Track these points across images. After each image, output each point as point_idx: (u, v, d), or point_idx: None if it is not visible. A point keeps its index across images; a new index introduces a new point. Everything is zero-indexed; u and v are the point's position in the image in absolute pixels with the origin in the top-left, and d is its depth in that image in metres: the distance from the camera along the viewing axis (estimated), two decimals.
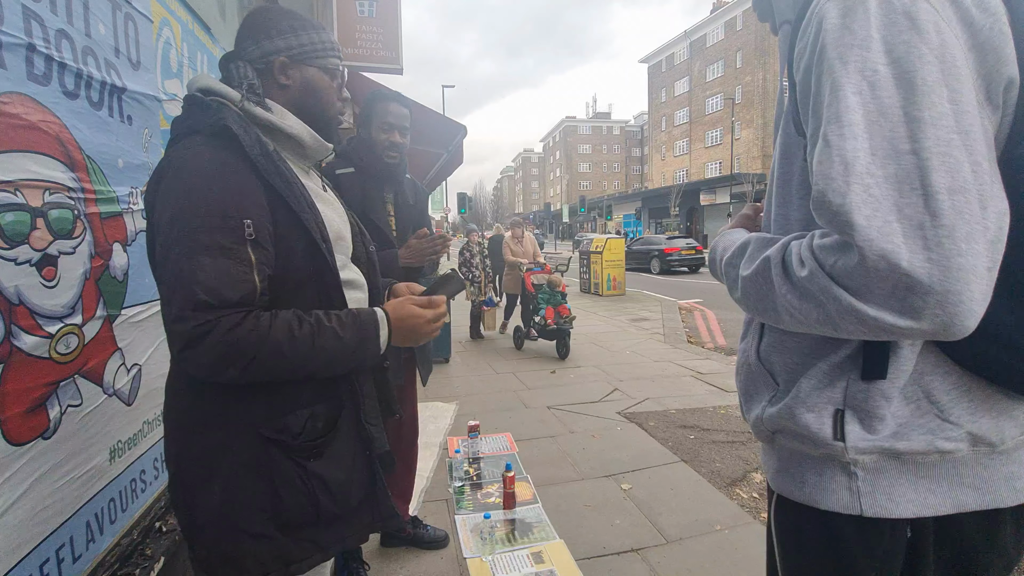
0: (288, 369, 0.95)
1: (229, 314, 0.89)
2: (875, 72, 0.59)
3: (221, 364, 0.89)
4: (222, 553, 0.99)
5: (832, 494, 0.75)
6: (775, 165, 0.81)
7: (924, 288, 0.55)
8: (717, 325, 8.17)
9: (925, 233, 0.55)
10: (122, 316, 1.55)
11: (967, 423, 0.69)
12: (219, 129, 0.95)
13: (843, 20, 0.62)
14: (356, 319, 1.02)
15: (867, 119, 0.59)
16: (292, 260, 0.99)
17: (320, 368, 0.98)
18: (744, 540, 2.39)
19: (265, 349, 0.91)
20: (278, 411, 0.99)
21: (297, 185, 1.03)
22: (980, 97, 0.62)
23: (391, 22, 5.98)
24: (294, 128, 1.08)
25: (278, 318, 0.94)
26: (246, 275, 0.91)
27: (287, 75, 1.09)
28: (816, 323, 0.64)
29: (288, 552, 1.01)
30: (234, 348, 0.89)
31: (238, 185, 0.93)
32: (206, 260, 0.88)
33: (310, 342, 0.94)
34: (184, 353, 0.89)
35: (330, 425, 1.04)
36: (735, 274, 0.77)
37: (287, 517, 1.00)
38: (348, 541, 1.10)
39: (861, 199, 0.57)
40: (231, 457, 0.97)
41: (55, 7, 1.27)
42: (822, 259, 0.61)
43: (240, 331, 0.89)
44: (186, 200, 0.91)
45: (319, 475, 1.01)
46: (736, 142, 40.82)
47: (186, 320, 0.87)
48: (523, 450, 3.30)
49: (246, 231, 0.92)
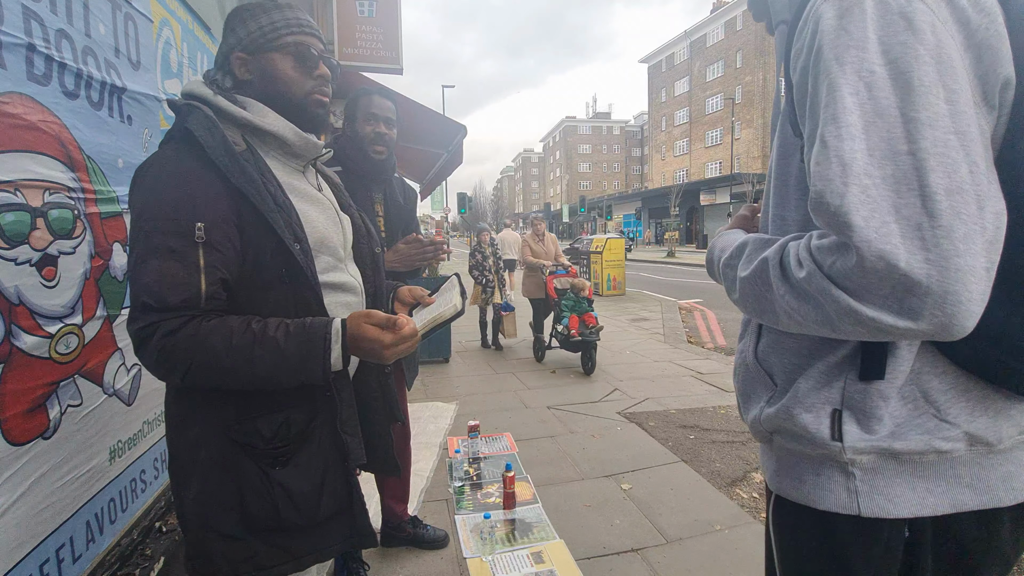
0: (227, 378, 0.93)
1: (169, 318, 0.90)
2: (872, 73, 0.60)
3: (163, 368, 0.92)
4: (198, 547, 1.01)
5: (830, 494, 0.75)
6: (772, 166, 0.81)
7: (922, 289, 0.55)
8: (717, 325, 8.17)
9: (923, 234, 0.55)
10: (122, 316, 1.55)
11: (964, 423, 0.69)
12: (183, 133, 0.97)
13: (839, 21, 0.62)
14: (305, 332, 0.94)
15: (864, 120, 0.59)
16: (261, 260, 0.98)
17: (259, 380, 0.94)
18: (744, 540, 2.39)
19: (200, 357, 0.90)
20: (250, 413, 0.99)
21: (268, 185, 1.00)
22: (976, 97, 0.62)
23: (391, 22, 5.98)
24: (274, 126, 1.05)
25: (222, 325, 0.92)
26: (189, 278, 0.91)
27: (247, 69, 1.06)
28: (814, 324, 0.64)
29: (259, 556, 1.01)
30: (171, 354, 0.89)
31: (193, 188, 0.94)
32: (153, 263, 0.90)
33: (248, 352, 0.91)
34: (137, 353, 0.92)
35: (303, 432, 1.03)
36: (733, 275, 0.77)
37: (252, 520, 1.00)
38: (324, 553, 1.08)
39: (859, 200, 0.57)
40: (206, 454, 0.99)
41: (55, 7, 1.27)
42: (820, 260, 0.61)
43: (177, 337, 0.89)
44: (144, 205, 0.94)
45: (281, 483, 1.00)
46: (736, 142, 40.81)
47: (135, 321, 0.91)
48: (523, 450, 3.29)
49: (196, 234, 0.91)
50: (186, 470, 1.00)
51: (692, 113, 48.03)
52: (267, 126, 1.04)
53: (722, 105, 43.17)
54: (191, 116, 0.97)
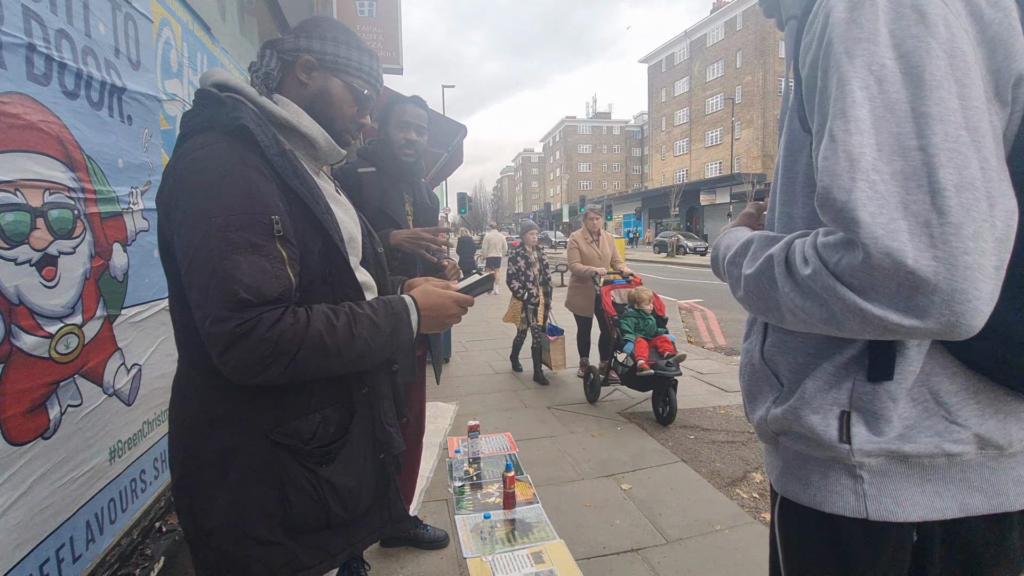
0: (330, 361, 0.93)
1: (270, 311, 0.87)
2: (882, 67, 0.58)
3: (265, 362, 0.87)
4: (230, 559, 0.96)
5: (837, 497, 0.74)
6: (779, 163, 0.80)
7: (930, 287, 0.54)
8: (717, 325, 8.17)
9: (932, 231, 0.54)
10: (122, 316, 1.55)
11: (975, 425, 0.68)
12: (236, 128, 0.93)
13: (850, 14, 0.61)
14: (387, 306, 1.01)
15: (874, 114, 0.58)
16: (308, 261, 0.98)
17: (359, 358, 0.97)
18: (744, 540, 2.39)
19: (308, 342, 0.89)
20: (288, 415, 0.97)
21: (315, 186, 1.02)
22: (989, 93, 0.61)
23: (391, 22, 5.98)
24: (309, 129, 1.06)
25: (314, 311, 0.93)
26: (281, 271, 0.90)
27: (309, 75, 1.08)
28: (819, 322, 0.63)
29: (297, 559, 0.99)
30: (278, 344, 0.86)
31: (259, 182, 0.91)
32: (240, 258, 0.86)
33: (349, 331, 0.94)
34: (226, 355, 0.85)
35: (342, 430, 1.03)
36: (738, 273, 0.76)
37: (296, 522, 0.98)
38: (356, 546, 1.09)
39: (866, 196, 0.56)
40: (240, 461, 0.95)
41: (55, 7, 1.27)
42: (826, 257, 0.60)
43: (282, 326, 0.87)
44: (211, 199, 0.88)
45: (330, 481, 1.00)
46: (736, 142, 40.78)
47: (227, 320, 0.84)
48: (523, 450, 3.29)
49: (275, 227, 0.90)
50: (211, 480, 0.96)
51: (692, 113, 48.01)
52: (302, 127, 1.06)
53: (722, 105, 43.15)
54: (242, 111, 0.94)
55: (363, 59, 1.11)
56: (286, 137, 1.05)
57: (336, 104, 1.10)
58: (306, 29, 1.09)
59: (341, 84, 1.09)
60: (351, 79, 1.10)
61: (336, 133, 1.12)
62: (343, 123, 1.12)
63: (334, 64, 1.08)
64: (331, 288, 1.01)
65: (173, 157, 0.96)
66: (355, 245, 1.14)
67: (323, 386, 1.01)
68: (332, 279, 1.01)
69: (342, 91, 1.10)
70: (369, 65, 1.12)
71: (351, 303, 0.99)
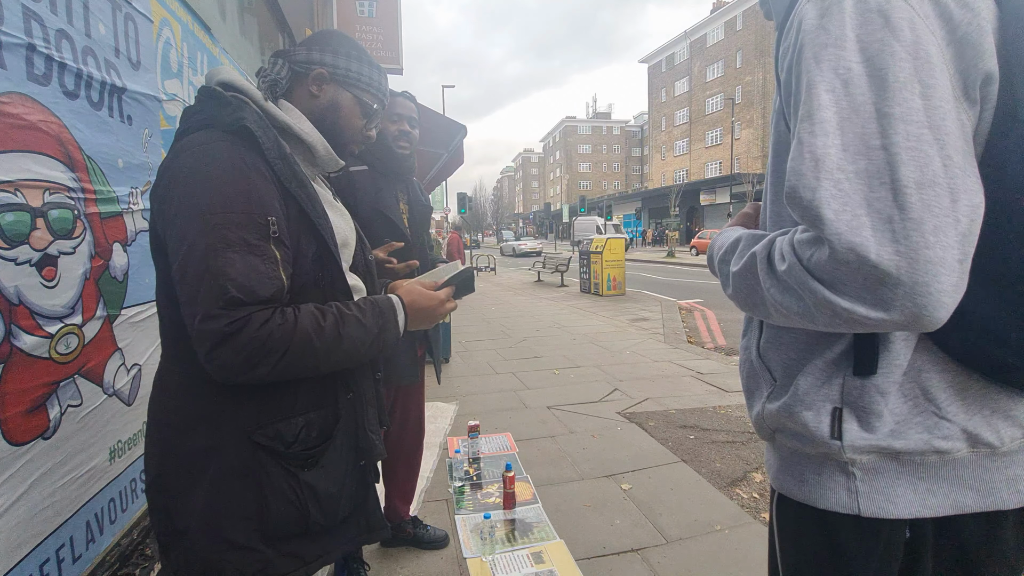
0: (317, 361, 0.94)
1: (260, 310, 0.87)
2: (848, 70, 0.61)
3: (252, 361, 0.86)
4: (201, 561, 0.94)
5: (831, 493, 0.75)
6: (770, 163, 0.82)
7: (893, 280, 0.55)
8: (717, 325, 8.17)
9: (894, 226, 0.56)
10: (122, 316, 1.55)
11: (962, 420, 0.69)
12: (239, 128, 0.93)
13: (820, 20, 0.63)
14: (374, 306, 1.03)
15: (840, 116, 0.60)
16: (301, 264, 0.98)
17: (346, 358, 0.98)
18: (744, 540, 2.39)
19: (296, 342, 0.89)
20: (272, 417, 0.96)
21: (313, 191, 1.02)
22: (957, 92, 0.62)
23: (391, 22, 5.98)
24: (308, 135, 1.07)
25: (302, 311, 0.93)
26: (274, 272, 0.90)
27: (321, 87, 1.10)
28: (797, 316, 0.65)
29: (271, 565, 0.97)
30: (266, 344, 0.87)
31: (258, 182, 0.92)
32: (235, 256, 0.86)
33: (336, 331, 0.94)
34: (214, 352, 0.85)
35: (326, 434, 1.02)
36: (727, 270, 0.79)
37: (274, 528, 0.96)
38: (331, 555, 1.07)
39: (830, 194, 0.58)
40: (219, 461, 0.94)
41: (55, 7, 1.27)
42: (800, 253, 0.63)
43: (271, 326, 0.87)
44: (209, 196, 0.88)
45: (312, 485, 0.99)
46: (736, 142, 40.80)
47: (217, 318, 0.84)
48: (523, 450, 3.29)
49: (271, 228, 0.91)
50: (188, 480, 0.94)
51: (692, 113, 48.03)
52: (302, 133, 1.07)
53: (722, 105, 43.17)
54: (245, 112, 0.95)
55: (373, 74, 1.14)
56: (286, 141, 1.06)
57: (345, 116, 1.13)
58: (319, 43, 1.10)
59: (351, 98, 1.12)
60: (361, 93, 1.13)
61: (342, 144, 1.15)
62: (351, 134, 1.15)
63: (346, 78, 1.11)
64: (323, 292, 1.02)
65: (171, 151, 0.95)
66: (348, 251, 1.14)
67: (309, 390, 1.00)
68: (324, 283, 1.02)
69: (352, 104, 1.13)
70: (379, 80, 1.16)
71: (338, 303, 0.99)
